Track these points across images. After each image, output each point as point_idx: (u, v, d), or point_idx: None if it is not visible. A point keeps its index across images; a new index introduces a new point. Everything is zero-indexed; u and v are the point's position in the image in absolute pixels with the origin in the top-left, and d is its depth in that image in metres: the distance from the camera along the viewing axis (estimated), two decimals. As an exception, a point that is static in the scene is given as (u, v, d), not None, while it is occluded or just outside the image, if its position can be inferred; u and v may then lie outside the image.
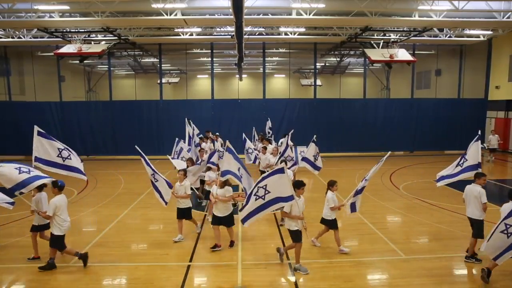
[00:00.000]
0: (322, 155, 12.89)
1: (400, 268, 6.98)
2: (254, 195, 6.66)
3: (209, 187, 9.33)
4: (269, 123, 18.64)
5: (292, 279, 6.65)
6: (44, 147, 7.67)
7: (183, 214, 8.42)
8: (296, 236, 6.81)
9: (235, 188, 10.63)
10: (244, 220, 6.86)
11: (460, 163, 8.14)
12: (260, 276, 6.77)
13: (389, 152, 8.08)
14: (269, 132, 18.36)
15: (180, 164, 11.28)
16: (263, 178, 6.64)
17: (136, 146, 8.57)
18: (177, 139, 12.77)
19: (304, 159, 12.12)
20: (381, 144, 22.03)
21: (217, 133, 18.06)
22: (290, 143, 14.80)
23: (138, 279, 6.69)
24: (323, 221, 7.76)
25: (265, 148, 12.47)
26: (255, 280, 6.61)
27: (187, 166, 10.19)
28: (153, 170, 8.09)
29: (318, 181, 13.97)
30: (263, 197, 6.62)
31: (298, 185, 6.91)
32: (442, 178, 8.37)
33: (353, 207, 7.70)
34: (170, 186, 8.25)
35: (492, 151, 18.74)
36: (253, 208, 6.74)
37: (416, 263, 7.23)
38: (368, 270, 7.04)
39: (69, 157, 7.86)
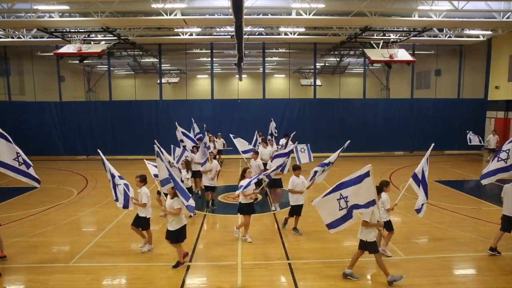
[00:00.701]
0: (322, 155, 12.84)
1: (400, 268, 6.98)
2: (341, 199, 6.21)
3: (245, 200, 8.30)
4: (273, 124, 18.52)
5: (292, 279, 6.64)
6: (4, 149, 7.30)
7: (139, 222, 7.87)
8: (374, 247, 6.35)
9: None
10: (329, 227, 6.44)
11: (503, 158, 7.80)
12: (260, 276, 6.78)
13: (433, 144, 7.72)
14: (275, 132, 18.24)
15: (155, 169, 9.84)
16: (349, 185, 6.15)
17: (98, 150, 8.40)
18: (172, 146, 12.42)
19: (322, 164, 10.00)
20: (381, 144, 22.09)
21: (220, 133, 18.03)
22: (290, 143, 14.77)
23: (138, 279, 6.70)
24: None
25: (256, 153, 11.55)
26: (255, 280, 6.61)
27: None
28: (111, 175, 7.74)
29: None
30: (346, 205, 6.20)
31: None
32: (486, 175, 8.11)
33: (419, 211, 7.55)
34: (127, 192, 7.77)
35: (491, 151, 18.73)
36: (337, 214, 6.29)
37: (416, 263, 7.25)
38: (368, 270, 7.03)
39: (23, 163, 7.49)
